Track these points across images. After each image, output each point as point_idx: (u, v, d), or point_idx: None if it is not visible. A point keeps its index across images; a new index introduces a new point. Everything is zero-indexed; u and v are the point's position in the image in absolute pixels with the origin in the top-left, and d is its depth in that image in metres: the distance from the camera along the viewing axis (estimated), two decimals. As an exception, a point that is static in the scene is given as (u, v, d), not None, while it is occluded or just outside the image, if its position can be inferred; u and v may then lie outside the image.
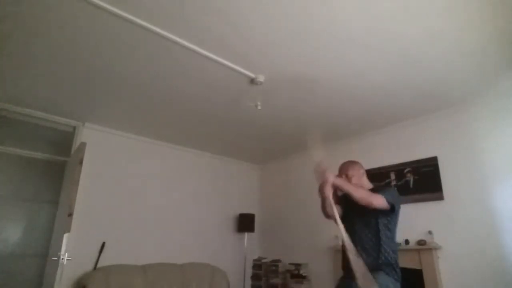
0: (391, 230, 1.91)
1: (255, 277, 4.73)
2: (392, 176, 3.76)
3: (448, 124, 3.42)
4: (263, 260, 4.76)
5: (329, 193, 1.89)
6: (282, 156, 5.21)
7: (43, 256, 3.97)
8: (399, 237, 3.43)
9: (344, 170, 2.14)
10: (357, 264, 1.69)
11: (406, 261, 3.27)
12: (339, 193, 2.04)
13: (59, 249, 2.75)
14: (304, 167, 4.83)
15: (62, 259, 2.71)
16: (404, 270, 1.91)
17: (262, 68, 2.71)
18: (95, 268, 3.49)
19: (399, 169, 3.71)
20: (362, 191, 1.87)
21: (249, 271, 4.83)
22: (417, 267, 3.20)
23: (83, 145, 3.17)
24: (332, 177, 1.89)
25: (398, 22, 2.14)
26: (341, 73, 2.76)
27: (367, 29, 2.21)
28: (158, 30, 2.21)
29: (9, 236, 4.11)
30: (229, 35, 2.29)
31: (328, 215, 2.00)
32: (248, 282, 4.75)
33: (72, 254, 2.87)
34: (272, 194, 5.38)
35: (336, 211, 1.86)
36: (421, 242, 3.23)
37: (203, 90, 3.07)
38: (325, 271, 4.12)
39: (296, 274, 4.19)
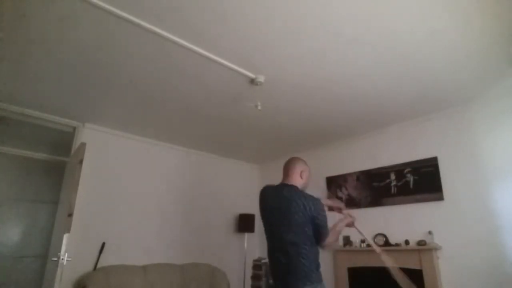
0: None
1: (255, 277, 4.73)
2: (392, 176, 3.76)
3: (448, 124, 3.42)
4: (263, 260, 4.74)
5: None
6: (282, 156, 5.19)
7: (43, 256, 3.98)
8: (399, 237, 3.46)
9: (296, 167, 2.02)
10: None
11: (406, 261, 3.27)
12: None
13: (59, 250, 2.74)
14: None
15: (62, 259, 2.71)
16: (404, 270, 1.94)
17: (262, 68, 2.70)
18: (95, 268, 3.49)
19: (399, 169, 3.71)
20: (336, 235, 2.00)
21: (249, 271, 4.83)
22: (417, 267, 3.20)
23: (83, 145, 3.17)
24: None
25: (399, 23, 2.15)
26: (341, 73, 2.76)
27: (367, 29, 2.21)
28: (158, 30, 2.20)
29: (9, 236, 4.11)
30: (229, 35, 2.28)
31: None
32: (248, 282, 4.74)
33: (72, 254, 2.86)
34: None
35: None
36: (421, 243, 3.23)
37: (203, 90, 3.07)
38: (325, 271, 4.10)
39: (296, 274, 4.19)
